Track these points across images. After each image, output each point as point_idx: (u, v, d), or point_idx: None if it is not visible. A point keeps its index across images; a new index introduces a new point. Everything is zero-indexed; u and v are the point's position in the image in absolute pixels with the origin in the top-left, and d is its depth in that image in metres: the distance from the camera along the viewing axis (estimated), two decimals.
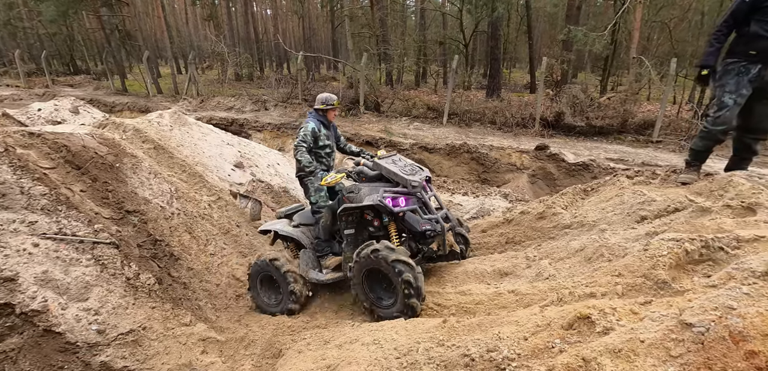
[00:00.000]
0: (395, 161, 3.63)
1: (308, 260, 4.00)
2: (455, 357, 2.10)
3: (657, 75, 11.63)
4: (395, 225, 3.48)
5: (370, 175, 3.63)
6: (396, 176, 3.43)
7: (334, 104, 4.11)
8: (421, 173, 3.58)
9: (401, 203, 3.34)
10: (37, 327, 2.92)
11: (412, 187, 3.38)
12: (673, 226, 2.65)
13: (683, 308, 1.53)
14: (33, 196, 3.54)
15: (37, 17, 22.79)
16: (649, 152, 9.46)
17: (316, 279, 3.88)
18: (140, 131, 5.13)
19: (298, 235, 4.08)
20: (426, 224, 3.39)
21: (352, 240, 3.58)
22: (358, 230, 3.60)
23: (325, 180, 3.64)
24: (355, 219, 3.58)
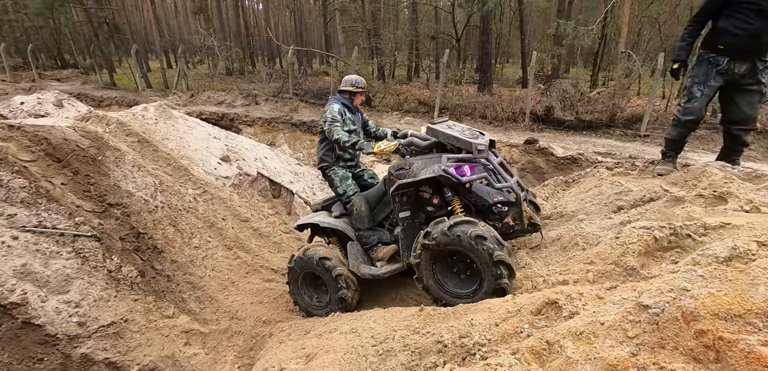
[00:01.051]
0: (451, 126, 3.11)
1: (357, 253, 3.51)
2: (429, 344, 2.14)
3: (646, 70, 11.74)
4: (459, 200, 2.99)
5: (422, 146, 3.12)
6: (457, 141, 2.90)
7: (363, 87, 3.67)
8: (484, 137, 3.03)
9: (467, 171, 2.80)
10: (16, 320, 2.91)
11: (477, 151, 2.84)
12: (647, 215, 2.70)
13: (641, 290, 1.57)
14: (12, 189, 3.51)
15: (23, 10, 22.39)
16: (637, 145, 9.57)
17: (370, 274, 3.36)
18: (124, 124, 5.09)
19: (343, 226, 3.60)
20: (497, 194, 2.92)
21: (409, 224, 3.09)
22: (415, 212, 3.10)
23: (377, 147, 3.12)
24: (411, 199, 3.08)
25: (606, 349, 1.43)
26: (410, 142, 3.18)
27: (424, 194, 3.04)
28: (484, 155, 2.90)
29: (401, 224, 3.12)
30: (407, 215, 3.08)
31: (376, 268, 3.37)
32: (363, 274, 3.39)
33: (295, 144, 11.64)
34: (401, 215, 3.09)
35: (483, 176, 2.89)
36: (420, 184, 2.98)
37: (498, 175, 2.96)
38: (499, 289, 2.53)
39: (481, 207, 3.01)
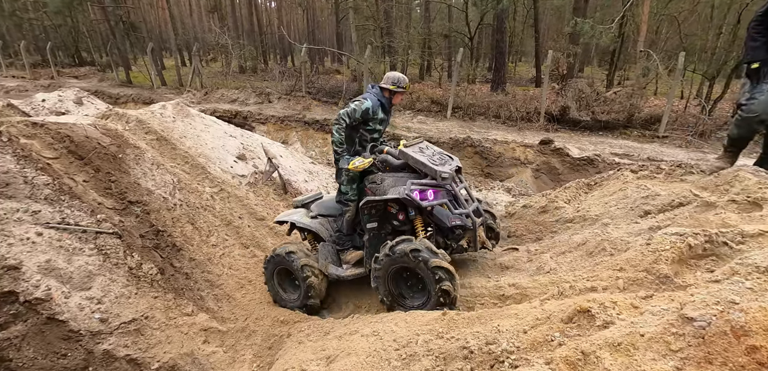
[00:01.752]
0: (423, 150, 3.33)
1: (327, 253, 3.72)
2: (454, 349, 2.10)
3: (665, 69, 11.48)
4: (422, 219, 3.24)
5: (395, 164, 3.35)
6: (424, 166, 3.15)
7: (406, 87, 3.57)
8: (451, 163, 3.30)
9: (429, 196, 3.08)
10: (41, 315, 2.95)
11: (441, 179, 3.10)
12: (677, 221, 2.62)
13: (684, 302, 1.51)
14: (36, 186, 3.57)
15: (43, 9, 22.86)
16: (655, 147, 9.37)
17: (337, 275, 3.60)
18: (143, 122, 5.14)
19: (316, 227, 3.82)
20: (456, 219, 3.17)
21: (375, 234, 3.36)
22: (381, 224, 3.37)
23: (352, 164, 3.31)
24: (379, 212, 3.35)
25: (647, 362, 1.37)
26: (384, 159, 3.41)
27: (392, 209, 3.30)
28: (447, 182, 3.14)
29: (368, 234, 3.40)
30: (374, 226, 3.37)
31: (342, 270, 3.61)
32: (330, 274, 3.64)
33: (308, 142, 11.67)
34: (368, 226, 3.37)
35: (444, 202, 3.13)
36: (388, 201, 3.25)
37: (458, 201, 3.18)
38: (444, 292, 2.80)
39: (441, 228, 3.30)
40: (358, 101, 3.47)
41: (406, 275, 3.08)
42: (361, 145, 3.63)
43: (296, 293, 3.82)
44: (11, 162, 3.59)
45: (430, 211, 3.18)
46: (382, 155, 3.45)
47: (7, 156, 3.61)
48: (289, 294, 3.90)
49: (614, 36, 12.57)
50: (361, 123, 3.53)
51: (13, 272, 2.98)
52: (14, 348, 2.80)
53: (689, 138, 9.63)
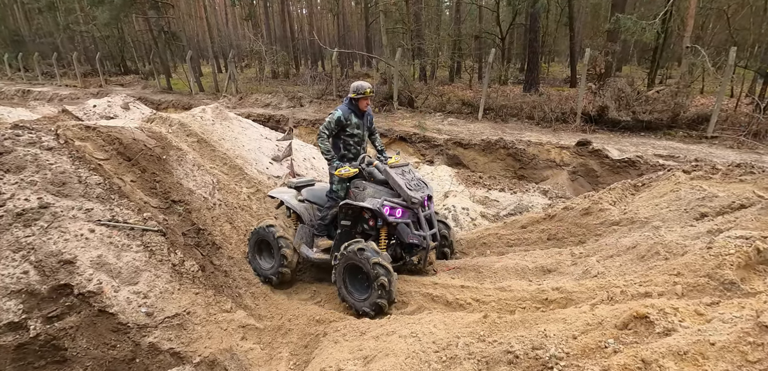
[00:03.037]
0: (404, 173, 3.84)
1: (303, 235, 4.26)
2: (497, 354, 2.03)
3: (713, 66, 10.79)
4: (387, 231, 3.79)
5: (378, 178, 3.85)
6: (399, 188, 3.67)
7: (366, 92, 4.02)
8: (424, 190, 3.82)
9: (397, 214, 3.65)
10: (93, 308, 3.10)
11: (411, 203, 3.65)
12: (740, 223, 2.43)
13: (761, 310, 1.38)
14: (89, 185, 3.77)
15: (92, 21, 24.40)
16: (703, 148, 8.81)
17: (306, 256, 4.16)
18: (185, 125, 5.34)
19: (300, 210, 4.30)
20: (414, 238, 3.69)
21: (346, 232, 3.88)
22: (354, 224, 3.92)
23: (339, 171, 3.79)
24: (354, 214, 3.89)
25: None
26: (370, 172, 3.91)
27: (365, 214, 3.85)
28: (416, 206, 3.68)
29: (340, 229, 3.93)
30: (347, 224, 3.91)
31: (312, 253, 4.15)
32: (301, 253, 4.19)
33: None
34: (342, 223, 3.92)
35: (407, 221, 3.68)
36: (363, 208, 3.78)
37: (420, 224, 3.72)
38: (377, 306, 3.41)
39: (401, 242, 3.82)
40: (330, 115, 4.00)
41: (360, 275, 3.57)
42: (346, 149, 4.09)
43: (272, 262, 4.21)
44: (67, 163, 3.82)
45: (395, 226, 3.70)
46: (370, 167, 3.95)
47: (64, 157, 3.84)
48: (266, 263, 4.27)
49: (657, 32, 11.95)
50: (341, 131, 4.01)
51: (68, 267, 3.15)
52: (69, 337, 2.95)
53: (742, 138, 9.00)
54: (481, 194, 6.89)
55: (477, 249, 4.44)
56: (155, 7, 20.08)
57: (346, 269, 3.66)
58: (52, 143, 3.92)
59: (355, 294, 3.66)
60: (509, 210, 6.00)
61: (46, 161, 3.72)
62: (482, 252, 4.33)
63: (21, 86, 21.56)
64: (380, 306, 3.41)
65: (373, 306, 3.45)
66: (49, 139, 3.95)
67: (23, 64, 26.01)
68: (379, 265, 3.38)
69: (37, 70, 24.93)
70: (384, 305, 3.40)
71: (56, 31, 28.16)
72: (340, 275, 3.70)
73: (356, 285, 3.68)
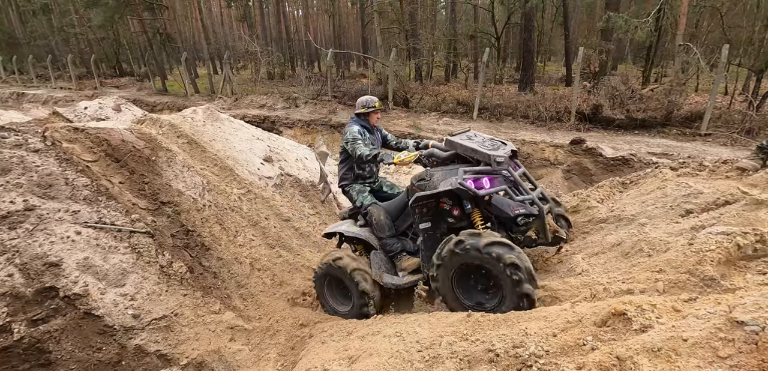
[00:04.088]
0: (471, 137, 3.09)
1: (380, 262, 3.49)
2: (479, 352, 2.02)
3: (706, 64, 10.82)
4: (479, 212, 2.92)
5: (443, 156, 3.12)
6: (476, 153, 2.87)
7: (376, 106, 3.75)
8: (505, 147, 3.01)
9: (485, 184, 2.79)
10: (79, 310, 3.08)
11: (496, 164, 2.80)
12: (724, 220, 2.43)
13: (733, 305, 1.38)
14: (76, 187, 3.75)
15: (87, 23, 24.32)
16: (697, 145, 8.84)
17: (392, 284, 3.33)
18: (175, 127, 5.32)
19: (366, 235, 3.63)
20: (519, 207, 2.86)
21: (430, 236, 3.06)
22: (435, 223, 3.06)
23: (397, 157, 3.16)
24: (431, 210, 3.03)
25: (691, 369, 1.26)
26: (431, 153, 3.20)
27: (445, 206, 2.98)
28: (503, 167, 2.85)
29: (421, 235, 3.11)
30: (427, 227, 3.06)
31: (398, 278, 3.35)
32: (385, 283, 3.37)
33: (334, 146, 11.77)
34: (421, 227, 3.08)
35: (502, 189, 2.84)
36: (439, 196, 2.94)
37: (519, 187, 2.90)
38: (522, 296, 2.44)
39: (503, 220, 2.96)
40: (348, 130, 3.66)
41: (474, 275, 2.70)
42: (360, 168, 3.79)
43: (349, 303, 3.59)
44: (54, 165, 3.79)
45: (489, 201, 2.86)
46: (428, 149, 3.29)
47: (51, 159, 3.82)
48: (342, 305, 3.68)
49: (650, 30, 11.98)
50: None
51: (54, 269, 3.13)
52: (54, 340, 2.93)
53: (735, 135, 9.03)
54: None
55: None
56: (150, 8, 20.03)
57: (457, 273, 2.75)
58: (38, 145, 3.90)
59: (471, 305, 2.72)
60: None
61: (33, 163, 3.69)
62: None
63: (15, 89, 21.46)
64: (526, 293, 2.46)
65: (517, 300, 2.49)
66: (36, 141, 3.93)
67: (18, 67, 25.88)
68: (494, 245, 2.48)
69: (31, 73, 24.81)
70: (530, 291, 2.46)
71: (51, 34, 28.05)
72: (445, 284, 2.80)
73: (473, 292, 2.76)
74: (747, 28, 14.82)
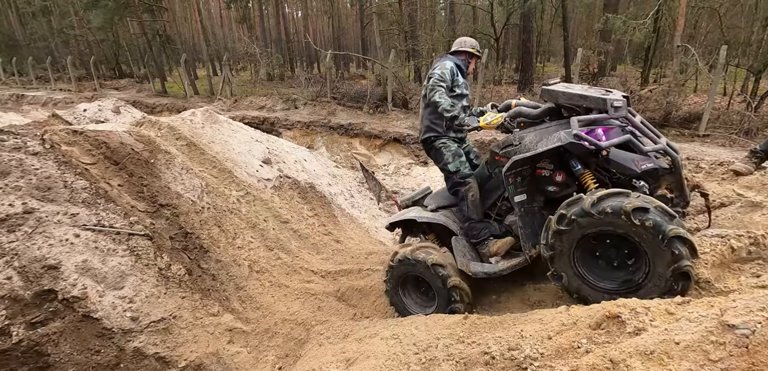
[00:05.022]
0: (568, 86, 2.60)
1: (463, 250, 3.00)
2: (475, 355, 2.03)
3: (705, 64, 10.85)
4: (591, 174, 2.40)
5: (533, 114, 2.62)
6: (584, 99, 2.34)
7: (479, 52, 3.16)
8: (617, 93, 2.45)
9: (602, 136, 2.23)
10: (77, 313, 3.09)
11: (613, 109, 2.25)
12: (718, 222, 2.44)
13: (725, 308, 1.39)
14: (75, 189, 3.76)
15: (87, 25, 24.34)
16: (696, 146, 8.86)
17: (484, 273, 2.84)
18: (174, 129, 5.33)
19: (443, 221, 3.13)
20: (645, 161, 2.26)
21: (528, 208, 2.60)
22: (531, 194, 2.62)
23: (483, 120, 2.69)
24: (526, 178, 2.61)
25: None
26: (517, 112, 2.67)
27: (543, 172, 2.54)
28: (621, 112, 2.29)
29: (518, 210, 2.60)
30: (523, 199, 2.58)
31: (490, 265, 2.84)
32: (475, 273, 2.86)
33: (333, 147, 11.79)
34: (517, 199, 2.58)
35: (624, 140, 2.22)
36: (538, 158, 2.47)
37: (641, 138, 2.31)
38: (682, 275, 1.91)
39: (622, 180, 2.37)
40: (439, 65, 3.01)
41: (602, 249, 2.19)
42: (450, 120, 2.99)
43: (432, 303, 3.10)
44: (53, 167, 3.80)
45: (607, 157, 2.32)
46: (514, 109, 2.75)
47: (49, 162, 3.83)
48: (425, 307, 3.18)
49: (649, 31, 12.01)
50: (449, 89, 2.99)
51: (52, 272, 3.14)
52: (52, 343, 2.94)
53: (734, 136, 9.05)
54: None
55: None
56: (150, 10, 20.05)
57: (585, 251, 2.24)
58: (37, 148, 3.91)
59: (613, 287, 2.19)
60: None
61: (31, 166, 3.71)
62: None
63: (15, 91, 21.46)
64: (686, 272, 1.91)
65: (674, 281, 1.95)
66: (35, 144, 3.94)
67: (17, 69, 25.89)
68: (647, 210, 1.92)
69: (31, 75, 24.82)
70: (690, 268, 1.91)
71: (51, 36, 28.06)
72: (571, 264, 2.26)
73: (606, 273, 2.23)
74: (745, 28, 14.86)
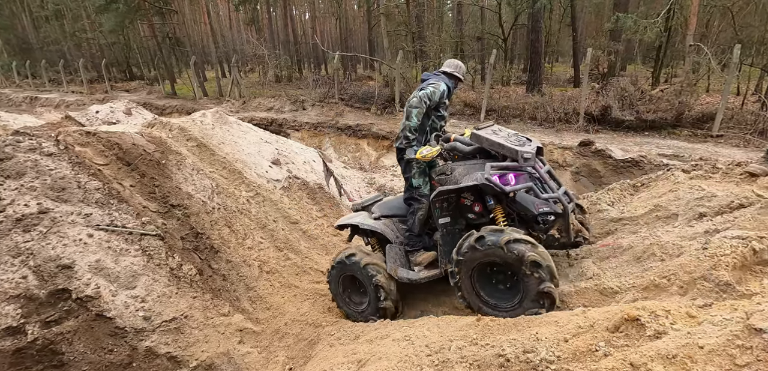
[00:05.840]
0: (496, 132, 3.03)
1: (395, 256, 3.40)
2: (489, 357, 2.01)
3: (718, 64, 10.68)
4: (502, 209, 2.88)
5: (466, 151, 3.06)
6: (502, 147, 2.81)
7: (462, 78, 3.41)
8: (531, 144, 2.94)
9: (511, 180, 2.74)
10: (90, 312, 3.12)
11: (523, 160, 2.74)
12: (738, 223, 2.39)
13: (751, 311, 1.35)
14: (88, 190, 3.80)
15: (99, 28, 24.70)
16: (709, 147, 8.71)
17: (408, 279, 3.28)
18: (185, 130, 5.37)
19: (382, 228, 3.53)
20: (543, 205, 2.80)
21: (449, 231, 3.02)
22: (455, 219, 3.04)
23: (419, 153, 3.03)
24: (451, 205, 3.02)
25: None
26: (453, 146, 3.13)
27: (466, 201, 2.98)
28: (530, 163, 2.79)
29: (440, 230, 3.07)
30: (447, 221, 3.04)
31: (414, 273, 3.29)
32: (400, 277, 3.33)
33: (341, 148, 11.80)
34: (441, 221, 3.04)
35: (528, 186, 2.78)
36: (461, 191, 2.92)
37: (544, 184, 2.88)
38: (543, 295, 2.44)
39: (525, 217, 2.91)
40: (432, 83, 3.21)
41: (494, 272, 2.72)
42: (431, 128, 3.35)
43: (365, 299, 3.54)
44: (67, 168, 3.85)
45: (513, 198, 2.81)
46: (449, 142, 3.18)
47: (64, 163, 3.88)
48: (358, 303, 3.63)
49: (660, 31, 11.86)
50: (433, 108, 3.25)
51: (67, 271, 3.18)
52: (66, 342, 2.97)
53: (748, 136, 8.88)
54: None
55: None
56: (160, 13, 20.27)
57: (477, 270, 2.76)
58: (52, 149, 3.96)
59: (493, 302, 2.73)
60: None
61: (46, 166, 3.75)
62: None
63: (29, 93, 21.85)
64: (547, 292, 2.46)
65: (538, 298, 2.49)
66: (49, 145, 3.99)
67: (31, 72, 26.35)
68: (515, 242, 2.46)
69: (44, 77, 25.25)
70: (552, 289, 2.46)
71: (63, 39, 28.53)
72: (467, 281, 2.80)
73: (492, 291, 2.76)
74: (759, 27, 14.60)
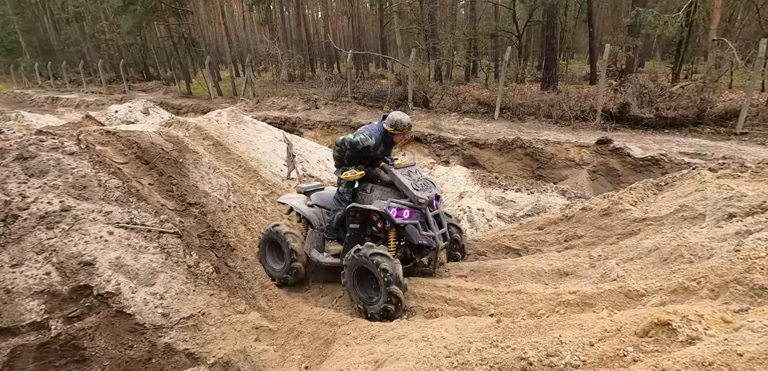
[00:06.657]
0: (410, 174, 3.82)
1: (314, 239, 4.24)
2: (511, 360, 1.96)
3: (742, 59, 10.33)
4: (395, 232, 3.76)
5: (385, 179, 3.87)
6: (405, 189, 3.65)
7: (404, 129, 3.86)
8: (432, 190, 3.80)
9: (405, 215, 3.62)
10: (111, 308, 3.17)
11: (418, 203, 3.63)
12: None
13: None
14: (109, 188, 3.86)
15: (117, 29, 25.23)
16: (732, 144, 8.44)
17: (316, 260, 4.11)
18: (201, 129, 5.43)
19: (309, 214, 4.30)
20: (423, 239, 3.64)
21: (356, 235, 3.86)
22: (362, 228, 3.89)
23: (345, 174, 3.79)
24: (362, 217, 3.88)
25: None
26: (377, 174, 3.94)
27: (374, 217, 3.83)
28: (423, 207, 3.65)
29: (349, 232, 3.92)
30: (356, 228, 3.90)
31: (323, 256, 4.12)
32: (312, 257, 4.15)
33: None
34: (351, 226, 3.91)
35: (415, 222, 3.64)
36: (370, 211, 3.79)
37: (429, 224, 3.68)
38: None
39: (410, 243, 3.77)
40: (364, 136, 3.81)
41: (370, 278, 3.57)
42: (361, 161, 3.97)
43: (283, 263, 4.20)
44: (88, 167, 3.92)
45: (404, 227, 3.65)
46: (376, 169, 3.95)
47: (85, 161, 3.95)
48: (277, 264, 4.27)
49: (681, 25, 11.52)
50: (363, 152, 3.86)
51: (88, 268, 3.24)
52: (88, 337, 3.02)
53: None
54: (497, 194, 6.77)
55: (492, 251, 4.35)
56: (176, 14, 20.59)
57: (357, 272, 3.64)
58: (73, 148, 4.04)
59: (364, 296, 3.65)
60: (526, 211, 5.87)
61: (68, 165, 3.83)
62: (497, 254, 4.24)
63: (50, 94, 22.45)
64: (389, 311, 3.39)
65: (381, 311, 3.42)
66: (71, 144, 4.07)
67: (52, 73, 27.08)
68: (377, 255, 3.38)
69: (65, 78, 25.92)
70: (392, 310, 3.39)
71: (83, 40, 29.26)
72: (350, 278, 3.69)
73: (366, 288, 3.67)
74: None
